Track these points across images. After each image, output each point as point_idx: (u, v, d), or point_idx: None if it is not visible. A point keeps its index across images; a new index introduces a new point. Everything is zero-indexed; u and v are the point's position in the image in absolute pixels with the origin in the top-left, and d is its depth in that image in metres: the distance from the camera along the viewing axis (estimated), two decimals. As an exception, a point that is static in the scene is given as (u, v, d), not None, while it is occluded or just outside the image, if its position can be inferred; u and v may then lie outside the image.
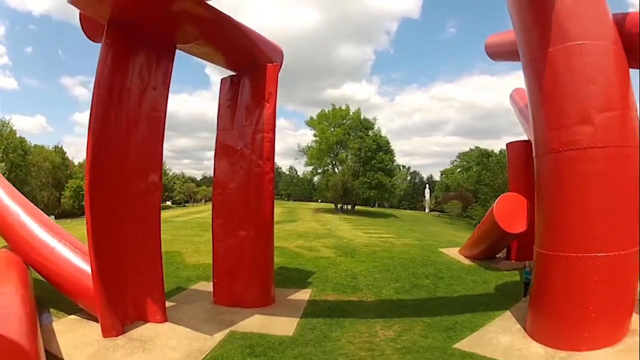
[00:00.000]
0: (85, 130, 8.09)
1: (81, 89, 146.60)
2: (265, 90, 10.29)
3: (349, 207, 52.76)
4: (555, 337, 7.94)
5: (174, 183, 76.46)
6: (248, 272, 10.45)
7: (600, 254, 7.49)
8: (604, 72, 7.85)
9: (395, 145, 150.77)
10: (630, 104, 8.12)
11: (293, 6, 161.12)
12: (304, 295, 11.66)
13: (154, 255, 9.09)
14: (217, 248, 10.84)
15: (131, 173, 8.69)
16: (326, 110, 50.53)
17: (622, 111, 7.88)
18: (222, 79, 11.48)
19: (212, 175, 11.39)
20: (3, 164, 51.66)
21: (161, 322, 9.16)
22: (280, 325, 9.08)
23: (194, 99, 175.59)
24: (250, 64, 10.66)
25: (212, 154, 11.48)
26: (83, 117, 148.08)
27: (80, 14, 10.07)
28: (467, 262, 16.95)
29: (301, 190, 75.32)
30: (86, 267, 9.34)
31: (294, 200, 78.46)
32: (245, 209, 10.44)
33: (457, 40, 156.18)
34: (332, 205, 52.68)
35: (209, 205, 13.43)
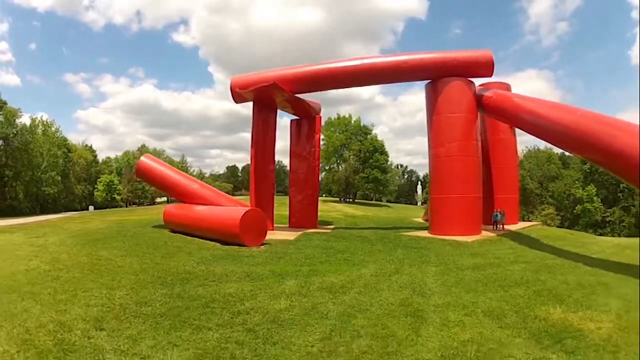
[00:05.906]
0: (88, 127, 26.09)
1: (84, 86, 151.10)
2: (315, 128, 23.77)
3: (350, 200, 66.23)
4: (437, 230, 20.84)
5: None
6: (307, 211, 23.92)
7: (454, 195, 20.68)
8: (454, 127, 20.90)
9: (398, 145, 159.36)
10: (472, 137, 21.29)
11: (299, 3, 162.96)
12: (330, 227, 25.04)
13: (271, 199, 22.49)
14: (292, 200, 24.35)
15: (261, 165, 22.08)
16: (332, 118, 64.08)
17: (462, 142, 20.93)
18: (291, 120, 24.91)
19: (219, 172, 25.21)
20: (61, 160, 63.92)
21: (272, 230, 22.45)
22: (325, 231, 22.41)
23: (197, 97, 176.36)
24: (307, 114, 24.07)
25: (215, 152, 25.26)
26: (86, 115, 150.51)
27: (232, 91, 23.33)
28: (422, 221, 30.38)
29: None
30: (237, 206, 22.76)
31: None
32: (305, 182, 23.93)
33: (461, 41, 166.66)
34: (336, 199, 66.12)
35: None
